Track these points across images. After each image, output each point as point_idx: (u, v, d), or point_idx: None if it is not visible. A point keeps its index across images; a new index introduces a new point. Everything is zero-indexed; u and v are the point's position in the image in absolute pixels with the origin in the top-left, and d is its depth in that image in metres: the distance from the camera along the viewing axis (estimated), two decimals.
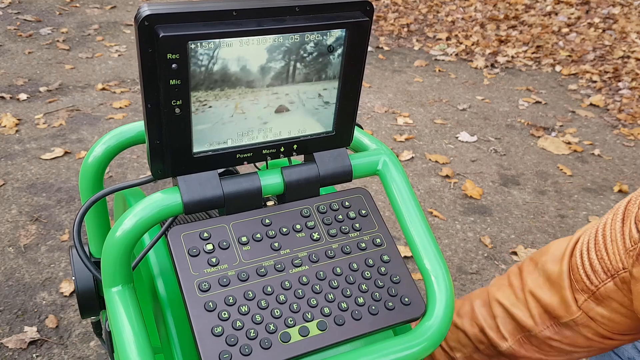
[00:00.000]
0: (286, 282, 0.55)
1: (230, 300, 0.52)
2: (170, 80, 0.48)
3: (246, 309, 0.52)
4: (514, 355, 0.78)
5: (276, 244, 0.57)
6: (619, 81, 3.19)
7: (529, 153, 2.44)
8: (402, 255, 0.61)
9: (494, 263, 1.76)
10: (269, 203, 0.66)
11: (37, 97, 2.68)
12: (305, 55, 0.53)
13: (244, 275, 0.54)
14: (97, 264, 0.61)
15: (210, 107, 0.52)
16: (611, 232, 0.67)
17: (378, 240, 0.60)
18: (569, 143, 2.53)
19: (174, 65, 0.48)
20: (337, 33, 0.53)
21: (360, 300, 0.56)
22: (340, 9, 0.53)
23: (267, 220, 0.58)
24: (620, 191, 2.17)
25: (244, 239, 0.56)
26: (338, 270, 0.57)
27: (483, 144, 2.50)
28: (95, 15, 3.92)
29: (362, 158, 0.64)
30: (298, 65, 0.54)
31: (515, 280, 0.78)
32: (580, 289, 0.70)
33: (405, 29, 4.05)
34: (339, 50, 0.55)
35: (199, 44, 0.48)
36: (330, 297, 0.55)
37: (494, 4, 4.53)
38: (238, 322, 0.51)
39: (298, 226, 0.59)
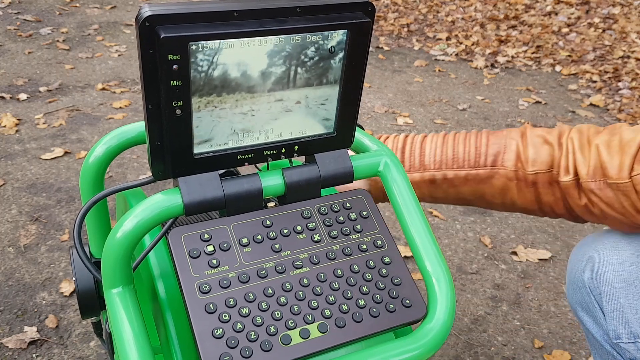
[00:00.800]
0: (287, 284, 0.55)
1: (231, 302, 0.52)
2: (171, 81, 0.48)
3: (247, 311, 0.52)
4: (567, 190, 0.80)
5: (277, 246, 0.57)
6: (619, 81, 3.19)
7: None
8: (402, 256, 0.60)
9: (494, 263, 1.76)
10: (270, 204, 0.66)
11: (37, 97, 2.68)
12: (306, 56, 0.53)
13: (244, 276, 0.54)
14: (97, 264, 0.61)
15: (211, 108, 0.52)
16: None
17: (379, 241, 0.60)
18: None
19: (174, 66, 0.48)
20: (339, 34, 0.53)
21: (361, 302, 0.55)
22: (341, 9, 0.53)
23: (268, 222, 0.58)
24: None
25: (244, 240, 0.56)
26: (339, 272, 0.57)
27: None
28: (95, 15, 3.92)
29: (363, 159, 0.64)
30: (299, 66, 0.54)
31: (593, 134, 0.81)
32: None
33: (405, 29, 4.05)
34: (341, 51, 0.54)
35: (200, 45, 0.48)
36: (331, 299, 0.55)
37: (494, 4, 4.53)
38: (239, 324, 0.51)
39: (299, 227, 0.59)
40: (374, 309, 0.55)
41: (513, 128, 0.86)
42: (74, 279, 0.74)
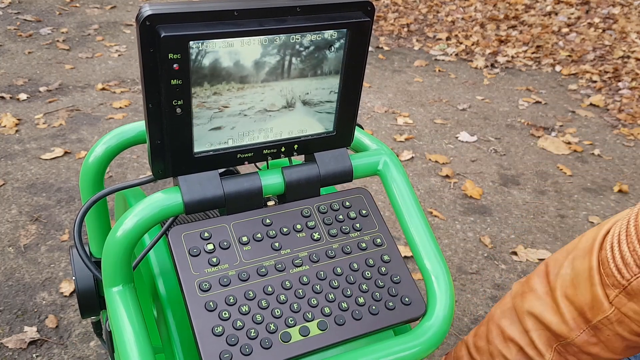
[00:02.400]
0: (287, 282, 0.55)
1: (231, 300, 0.52)
2: (172, 80, 0.48)
3: (247, 309, 0.52)
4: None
5: (277, 244, 0.57)
6: (619, 81, 3.19)
7: (529, 153, 2.44)
8: (402, 255, 0.61)
9: (493, 263, 1.76)
10: (270, 203, 0.66)
11: (37, 97, 2.68)
12: (305, 55, 0.53)
13: (244, 275, 0.54)
14: (97, 263, 0.62)
15: (211, 107, 0.52)
16: None
17: (378, 240, 0.60)
18: (569, 143, 2.53)
19: (175, 65, 0.48)
20: (338, 33, 0.53)
21: (361, 300, 0.56)
22: (341, 9, 0.53)
23: (268, 220, 0.58)
24: (620, 191, 2.17)
25: (244, 238, 0.56)
26: (338, 270, 0.57)
27: (483, 144, 2.50)
28: (95, 15, 3.92)
29: (362, 158, 0.64)
30: (298, 66, 0.54)
31: (539, 285, 0.75)
32: (611, 283, 0.66)
33: (405, 29, 4.05)
34: (340, 51, 0.55)
35: (200, 44, 0.48)
36: (330, 297, 0.55)
37: (494, 4, 4.53)
38: (239, 321, 0.51)
39: (299, 226, 0.59)
40: (374, 307, 0.55)
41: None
42: (74, 278, 0.74)
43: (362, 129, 0.72)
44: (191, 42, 0.47)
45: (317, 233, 0.59)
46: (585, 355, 0.72)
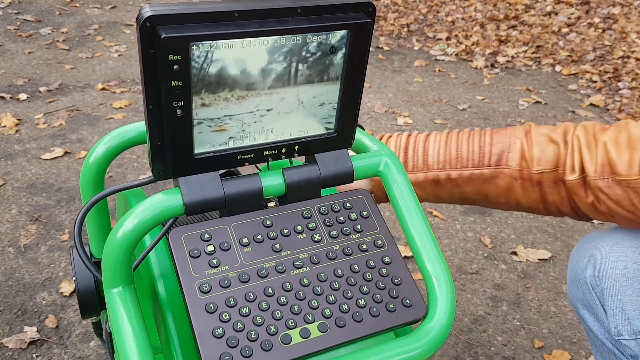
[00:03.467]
0: (287, 284, 0.55)
1: (231, 302, 0.52)
2: (172, 82, 0.48)
3: (247, 311, 0.52)
4: (573, 189, 0.80)
5: (277, 246, 0.57)
6: (619, 81, 3.19)
7: None
8: (402, 255, 0.61)
9: (493, 263, 1.76)
10: (270, 204, 0.66)
11: (37, 97, 2.68)
12: (307, 56, 0.53)
13: (245, 276, 0.54)
14: (97, 264, 0.61)
15: (211, 108, 0.52)
16: None
17: (379, 241, 0.60)
18: None
19: (175, 67, 0.48)
20: (340, 34, 0.53)
21: (362, 301, 0.56)
22: (342, 10, 0.53)
23: (268, 222, 0.58)
24: None
25: (245, 240, 0.56)
26: (339, 271, 0.57)
27: None
28: (95, 15, 3.92)
29: (363, 159, 0.64)
30: (300, 66, 0.54)
31: (599, 131, 0.80)
32: None
33: (405, 29, 4.05)
34: (341, 52, 0.54)
35: (200, 45, 0.48)
36: (331, 298, 0.55)
37: (494, 4, 4.53)
38: (239, 323, 0.51)
39: (299, 227, 0.59)
40: (374, 309, 0.55)
41: (517, 126, 0.86)
42: (74, 278, 0.74)
43: (363, 129, 0.72)
44: (191, 43, 0.47)
45: (318, 234, 0.59)
46: (593, 196, 0.78)
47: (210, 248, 0.55)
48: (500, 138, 0.84)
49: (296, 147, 0.60)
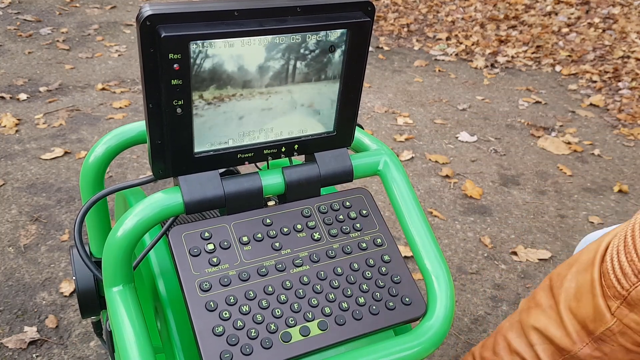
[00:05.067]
0: (287, 282, 0.55)
1: (231, 300, 0.52)
2: (172, 80, 0.48)
3: (247, 309, 0.52)
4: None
5: (277, 244, 0.57)
6: (619, 81, 3.19)
7: (529, 153, 2.44)
8: (402, 255, 0.61)
9: (493, 263, 1.76)
10: (270, 203, 0.66)
11: (37, 97, 2.68)
12: (306, 55, 0.53)
13: (245, 275, 0.54)
14: (97, 263, 0.62)
15: (211, 107, 0.52)
16: None
17: (379, 240, 0.60)
18: (569, 143, 2.53)
19: (175, 65, 0.48)
20: (339, 33, 0.53)
21: (361, 300, 0.56)
22: (341, 9, 0.53)
23: (268, 220, 0.58)
24: (620, 191, 2.17)
25: (245, 238, 0.56)
26: (339, 270, 0.57)
27: (483, 144, 2.50)
28: (95, 15, 3.92)
29: (362, 158, 0.64)
30: (299, 65, 0.54)
31: (544, 299, 0.76)
32: (612, 295, 0.68)
33: (405, 29, 4.05)
34: (340, 50, 0.55)
35: (200, 44, 0.48)
36: (331, 297, 0.55)
37: (494, 4, 4.53)
38: (239, 321, 0.51)
39: (299, 226, 0.59)
40: (374, 307, 0.55)
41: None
42: (74, 278, 0.74)
43: (363, 129, 0.72)
44: (191, 42, 0.47)
45: (318, 233, 0.59)
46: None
47: (211, 246, 0.55)
48: None
49: (296, 146, 0.60)
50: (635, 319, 0.67)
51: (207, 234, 0.55)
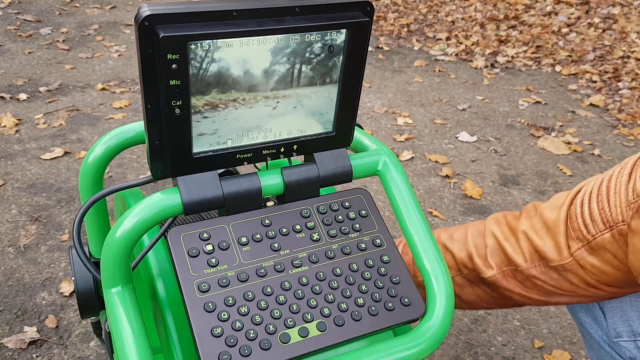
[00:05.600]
0: (286, 283, 0.55)
1: (230, 301, 0.52)
2: (170, 81, 0.48)
3: (246, 310, 0.52)
4: (495, 284, 0.80)
5: (276, 245, 0.57)
6: (619, 81, 3.19)
7: (529, 153, 2.44)
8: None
9: None
10: (269, 203, 0.66)
11: (37, 97, 2.68)
12: (305, 55, 0.53)
13: (243, 275, 0.54)
14: (96, 264, 0.61)
15: (210, 107, 0.52)
16: (616, 184, 0.69)
17: (378, 240, 0.60)
18: (569, 143, 2.53)
19: (174, 66, 0.48)
20: (338, 33, 0.53)
21: (360, 300, 0.56)
22: (340, 9, 0.53)
23: (267, 221, 0.58)
24: None
25: (243, 239, 0.56)
26: (338, 270, 0.57)
27: (483, 144, 2.50)
28: (95, 15, 3.92)
29: (362, 158, 0.64)
30: (298, 65, 0.54)
31: (512, 220, 0.80)
32: (575, 237, 0.72)
33: (405, 29, 4.05)
34: (340, 51, 0.55)
35: (199, 44, 0.48)
36: (330, 297, 0.55)
37: (494, 4, 4.53)
38: (238, 322, 0.51)
39: (298, 227, 0.59)
40: (373, 308, 0.55)
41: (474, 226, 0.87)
42: (73, 278, 0.74)
43: (362, 129, 0.72)
44: (190, 43, 0.47)
45: (317, 233, 0.59)
46: (530, 284, 0.78)
47: (209, 247, 0.55)
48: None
49: (295, 147, 0.60)
50: (592, 262, 0.71)
51: (205, 235, 0.55)
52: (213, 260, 0.54)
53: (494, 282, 0.80)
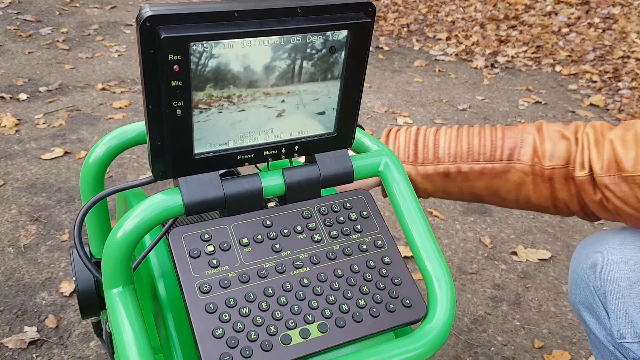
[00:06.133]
0: (287, 284, 0.55)
1: (231, 302, 0.52)
2: (172, 82, 0.48)
3: (247, 311, 0.52)
4: (581, 187, 0.79)
5: (277, 246, 0.57)
6: (619, 81, 3.19)
7: None
8: (402, 256, 0.61)
9: (493, 263, 1.76)
10: (270, 204, 0.66)
11: (37, 97, 2.67)
12: (306, 56, 0.53)
13: (244, 276, 0.54)
14: (97, 264, 0.61)
15: (211, 108, 0.52)
16: None
17: (379, 241, 0.60)
18: None
19: (175, 67, 0.48)
20: (339, 34, 0.53)
21: (362, 302, 0.55)
22: (342, 10, 0.53)
23: (268, 222, 0.58)
24: None
25: (245, 240, 0.56)
26: (339, 271, 0.57)
27: None
28: (95, 15, 3.92)
29: (363, 159, 0.64)
30: (300, 66, 0.54)
31: (606, 129, 0.80)
32: None
33: (405, 29, 4.05)
34: (341, 51, 0.54)
35: (200, 45, 0.48)
36: (331, 299, 0.55)
37: (494, 4, 4.53)
38: (239, 323, 0.51)
39: (299, 227, 0.59)
40: (374, 309, 0.55)
41: (529, 123, 0.85)
42: (74, 279, 0.74)
43: (363, 129, 0.72)
44: (191, 43, 0.47)
45: (318, 234, 0.59)
46: (600, 194, 0.78)
47: (210, 248, 0.55)
48: (511, 133, 0.83)
49: (296, 147, 0.60)
50: None
51: (207, 236, 0.55)
52: (214, 261, 0.54)
53: (581, 184, 0.79)
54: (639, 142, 0.74)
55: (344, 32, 0.53)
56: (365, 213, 0.62)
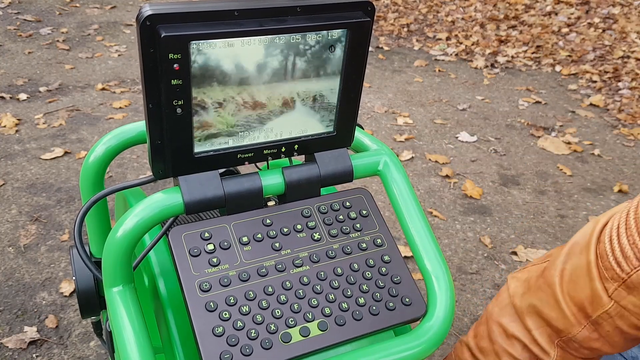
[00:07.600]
0: (287, 282, 0.55)
1: (231, 301, 0.52)
2: (172, 80, 0.48)
3: (247, 309, 0.52)
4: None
5: (277, 244, 0.57)
6: (619, 81, 3.19)
7: (528, 153, 2.44)
8: (402, 255, 0.61)
9: (493, 263, 1.76)
10: (270, 203, 0.66)
11: (37, 97, 2.68)
12: (306, 55, 0.53)
13: (244, 275, 0.54)
14: (97, 263, 0.62)
15: (211, 107, 0.52)
16: None
17: (379, 240, 0.60)
18: (569, 143, 2.53)
19: (175, 65, 0.48)
20: (339, 33, 0.53)
21: (361, 300, 0.56)
22: (341, 9, 0.53)
23: (268, 221, 0.58)
24: (620, 191, 2.17)
25: (244, 239, 0.56)
26: (339, 270, 0.57)
27: (483, 144, 2.50)
28: (95, 15, 3.92)
29: (363, 158, 0.64)
30: (299, 66, 0.54)
31: (539, 282, 0.74)
32: (610, 277, 0.65)
33: (405, 29, 4.05)
34: (340, 51, 0.55)
35: (200, 44, 0.48)
36: (331, 297, 0.55)
37: (494, 4, 4.53)
38: (239, 322, 0.51)
39: (299, 226, 0.59)
40: (374, 307, 0.55)
41: None
42: (74, 278, 0.74)
43: (363, 129, 0.72)
44: (191, 42, 0.47)
45: (318, 233, 0.59)
46: (587, 351, 0.72)
47: (210, 247, 0.55)
48: None
49: (296, 146, 0.60)
50: (634, 302, 0.65)
51: (207, 234, 0.55)
52: (214, 260, 0.54)
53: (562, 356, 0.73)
54: (581, 276, 0.68)
55: (343, 31, 0.53)
56: (364, 212, 0.62)
